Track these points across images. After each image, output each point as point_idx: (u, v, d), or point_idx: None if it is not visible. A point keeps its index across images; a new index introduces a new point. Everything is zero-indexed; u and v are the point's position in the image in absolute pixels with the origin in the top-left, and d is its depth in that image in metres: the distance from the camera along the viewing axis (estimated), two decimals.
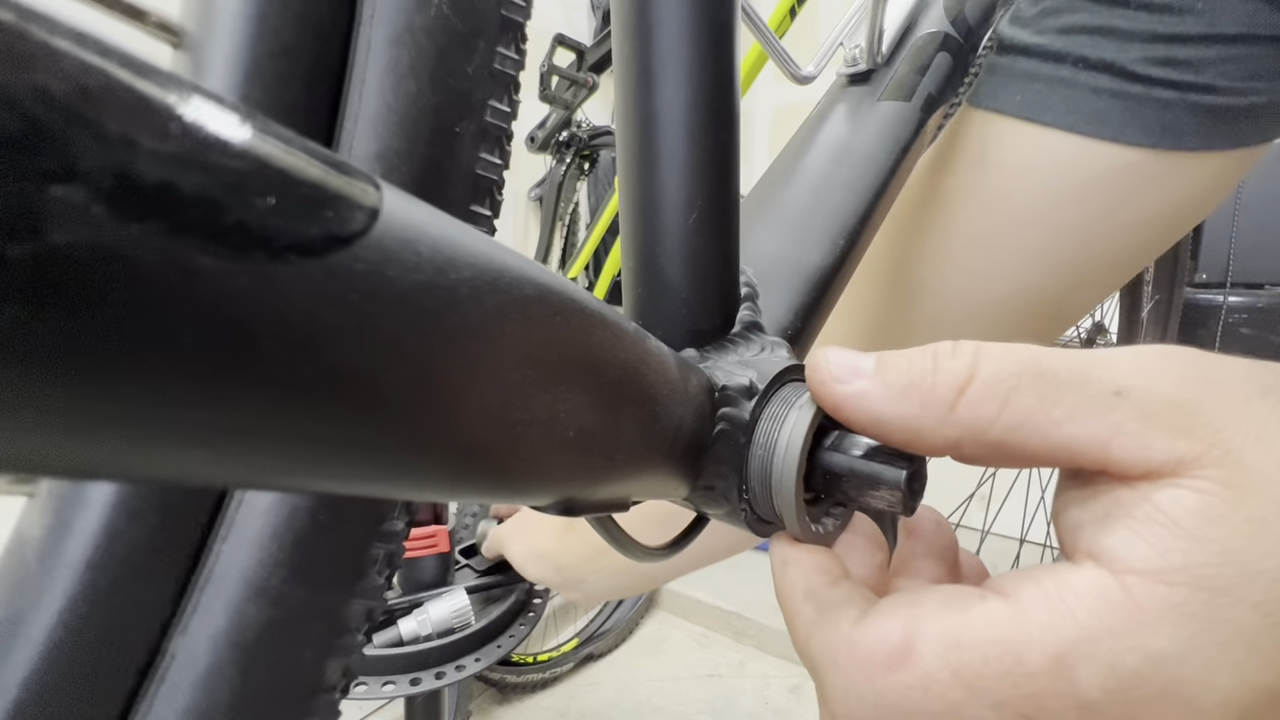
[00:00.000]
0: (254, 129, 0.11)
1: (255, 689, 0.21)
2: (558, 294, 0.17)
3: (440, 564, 0.78)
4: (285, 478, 0.13)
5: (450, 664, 0.70)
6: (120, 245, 0.09)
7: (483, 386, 0.14)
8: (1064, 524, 0.19)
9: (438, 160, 0.21)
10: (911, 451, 0.21)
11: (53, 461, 0.10)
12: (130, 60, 0.09)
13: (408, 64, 0.20)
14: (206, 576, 0.20)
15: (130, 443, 0.11)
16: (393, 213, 0.12)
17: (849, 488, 0.22)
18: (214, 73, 0.19)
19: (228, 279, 0.10)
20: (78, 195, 0.09)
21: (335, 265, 0.11)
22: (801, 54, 0.47)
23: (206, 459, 0.12)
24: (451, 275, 0.13)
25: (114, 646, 0.20)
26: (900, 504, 0.21)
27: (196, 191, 0.10)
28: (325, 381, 0.12)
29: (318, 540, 0.21)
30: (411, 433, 0.14)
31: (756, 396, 0.25)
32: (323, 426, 0.12)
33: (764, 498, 0.24)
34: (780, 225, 0.39)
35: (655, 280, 0.28)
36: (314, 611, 0.22)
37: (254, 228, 0.10)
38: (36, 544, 0.20)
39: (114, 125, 0.09)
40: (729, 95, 0.27)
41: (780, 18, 0.89)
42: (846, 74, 0.46)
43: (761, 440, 0.24)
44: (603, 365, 0.18)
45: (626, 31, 0.26)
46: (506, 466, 0.16)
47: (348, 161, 0.13)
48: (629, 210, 0.28)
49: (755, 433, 0.24)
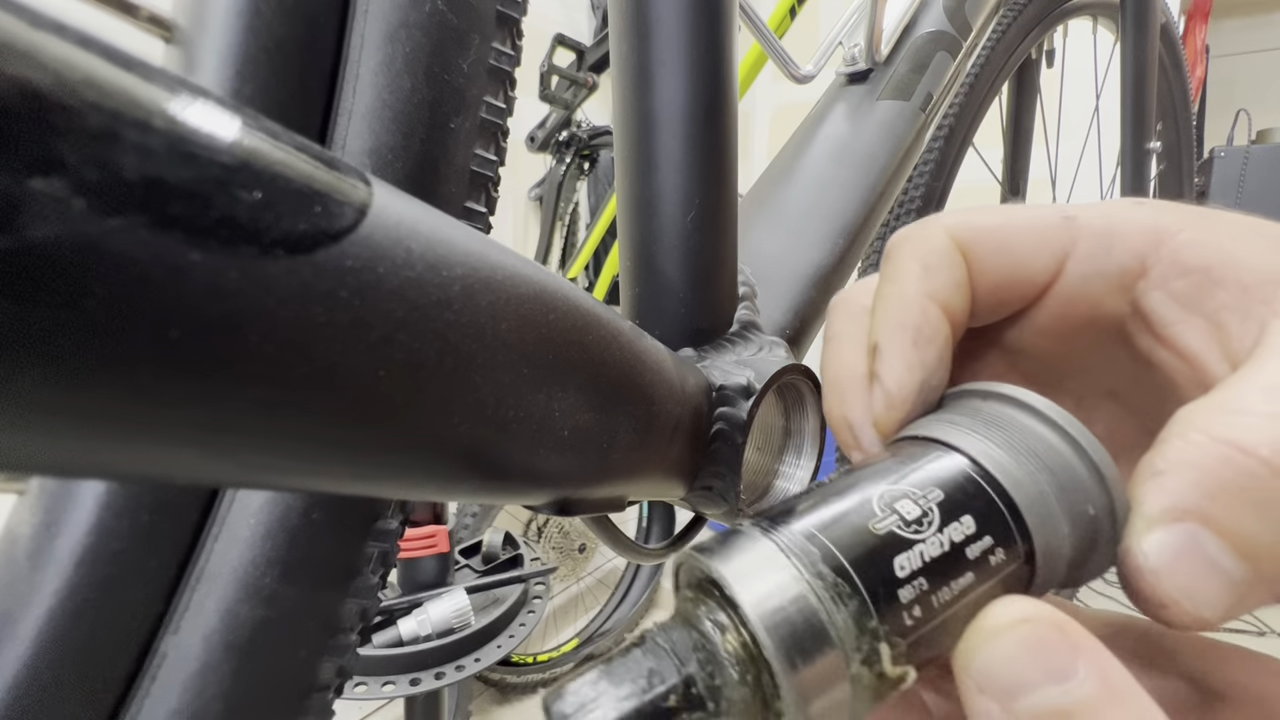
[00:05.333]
0: (242, 123, 0.11)
1: (248, 689, 0.20)
2: (552, 292, 0.16)
3: (440, 564, 0.78)
4: (276, 476, 0.13)
5: (450, 664, 0.70)
6: (103, 240, 0.09)
7: (476, 385, 0.14)
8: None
9: (432, 156, 0.21)
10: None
11: (40, 459, 0.10)
12: (113, 53, 0.09)
13: (402, 59, 0.20)
14: (198, 575, 0.20)
15: (118, 441, 0.10)
16: (383, 209, 0.12)
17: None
18: (206, 67, 0.19)
19: (214, 275, 0.10)
20: (58, 188, 0.08)
21: (324, 261, 0.11)
22: (801, 53, 0.47)
23: (196, 457, 0.12)
24: (444, 272, 0.13)
25: (104, 645, 0.20)
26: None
27: (182, 186, 0.10)
28: (315, 379, 0.12)
29: (311, 539, 0.21)
30: (403, 431, 0.13)
31: (754, 396, 0.25)
32: (313, 424, 0.12)
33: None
34: (779, 225, 0.39)
35: (653, 279, 0.27)
36: (307, 611, 0.21)
37: (241, 223, 0.10)
38: (26, 542, 0.20)
39: (95, 118, 0.09)
40: (727, 94, 0.27)
41: (780, 17, 0.89)
42: (846, 73, 0.46)
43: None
44: (598, 364, 0.18)
45: (624, 31, 0.26)
46: (500, 465, 0.16)
47: (338, 157, 0.12)
48: (627, 209, 0.28)
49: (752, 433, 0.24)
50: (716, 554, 0.14)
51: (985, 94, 0.75)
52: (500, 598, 0.80)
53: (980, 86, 0.74)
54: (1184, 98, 1.10)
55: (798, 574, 0.14)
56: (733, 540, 0.14)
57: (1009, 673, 0.13)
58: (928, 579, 0.14)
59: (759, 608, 0.13)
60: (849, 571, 0.14)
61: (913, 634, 0.14)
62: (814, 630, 0.13)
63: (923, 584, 0.14)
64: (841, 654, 0.13)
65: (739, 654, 0.14)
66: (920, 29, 0.47)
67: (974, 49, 0.49)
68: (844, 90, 0.46)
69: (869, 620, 0.13)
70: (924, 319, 0.18)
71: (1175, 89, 1.09)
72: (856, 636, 0.13)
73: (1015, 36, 0.75)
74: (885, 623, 0.13)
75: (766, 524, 0.15)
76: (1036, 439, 0.16)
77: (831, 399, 0.20)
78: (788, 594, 0.13)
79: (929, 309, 0.18)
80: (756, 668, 0.13)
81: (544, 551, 1.50)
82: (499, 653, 0.73)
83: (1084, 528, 0.15)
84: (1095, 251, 0.18)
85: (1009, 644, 0.14)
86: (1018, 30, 0.75)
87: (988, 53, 0.73)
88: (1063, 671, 0.13)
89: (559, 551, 1.54)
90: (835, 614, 0.13)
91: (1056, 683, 0.13)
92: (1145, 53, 0.81)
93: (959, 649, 0.14)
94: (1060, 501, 0.15)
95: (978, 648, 0.14)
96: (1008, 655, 0.14)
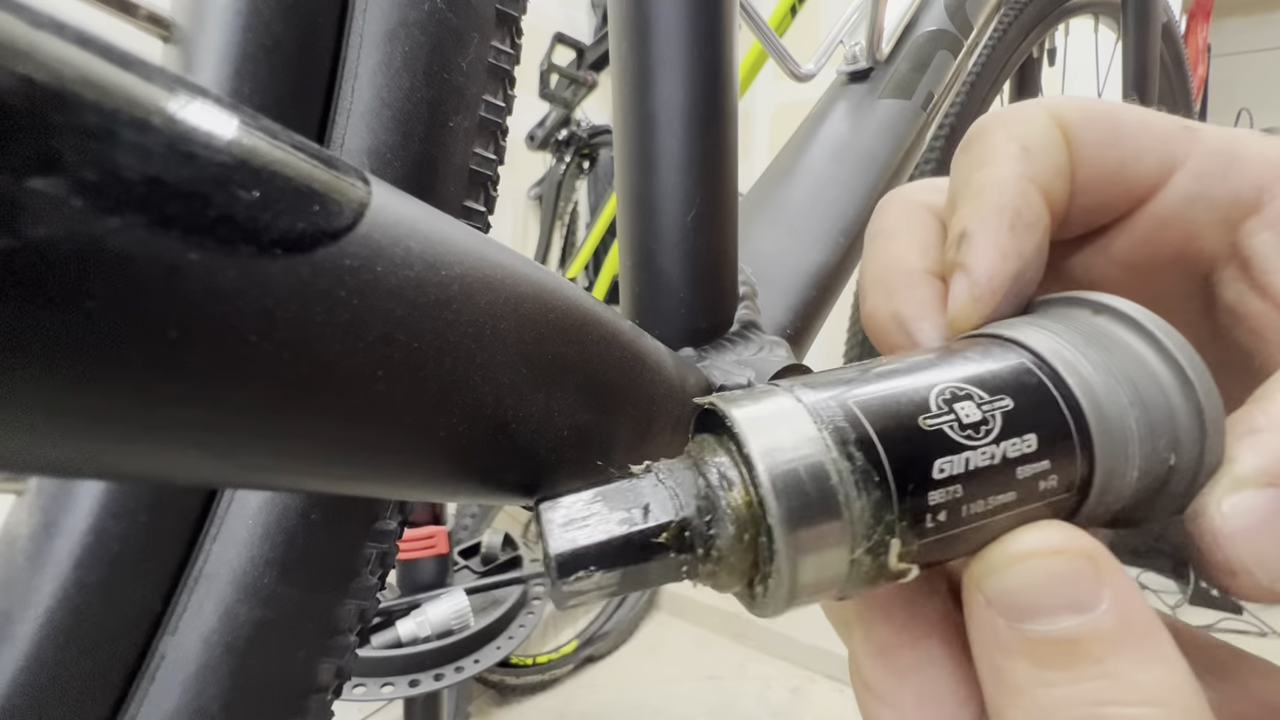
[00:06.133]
0: (240, 122, 0.11)
1: (246, 690, 0.20)
2: (552, 292, 0.16)
3: (439, 565, 0.78)
4: (275, 476, 0.13)
5: (449, 665, 0.70)
6: (101, 239, 0.09)
7: (475, 384, 0.14)
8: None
9: (431, 155, 0.21)
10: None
11: (38, 459, 0.10)
12: (112, 52, 0.09)
13: (401, 58, 0.20)
14: (197, 576, 0.20)
15: (116, 441, 0.10)
16: (382, 208, 0.12)
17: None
18: (204, 66, 0.19)
19: (213, 274, 0.10)
20: (56, 188, 0.08)
21: (323, 261, 0.11)
22: (801, 52, 0.47)
23: (195, 457, 0.12)
24: (443, 271, 0.13)
25: (103, 646, 0.20)
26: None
27: (180, 185, 0.09)
28: (314, 379, 0.12)
29: (309, 540, 0.21)
30: (402, 431, 0.13)
31: None
32: (312, 424, 0.12)
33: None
34: (779, 224, 0.39)
35: (653, 279, 0.27)
36: (306, 612, 0.21)
37: (239, 222, 0.10)
38: (25, 543, 0.20)
39: (93, 117, 0.09)
40: (727, 93, 0.27)
41: (781, 16, 0.89)
42: (847, 72, 0.46)
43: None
44: (598, 364, 0.18)
45: (624, 29, 0.26)
46: (499, 466, 0.16)
47: (336, 156, 0.12)
48: (626, 208, 0.28)
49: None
50: (740, 403, 0.13)
51: (986, 93, 0.75)
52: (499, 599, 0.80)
53: (981, 85, 0.73)
54: (1185, 97, 1.10)
55: (823, 444, 0.12)
56: (760, 394, 0.14)
57: (1029, 598, 0.13)
58: (965, 488, 0.13)
59: (772, 466, 0.12)
60: (883, 461, 0.12)
61: (930, 537, 0.13)
62: (826, 503, 0.12)
63: (957, 492, 0.13)
64: (849, 536, 0.12)
65: (741, 511, 0.13)
66: (921, 27, 0.47)
67: (975, 48, 0.49)
68: (845, 89, 0.46)
69: (887, 514, 0.12)
70: (1025, 203, 0.16)
71: (1177, 88, 1.09)
72: (870, 526, 0.12)
73: (1017, 35, 0.75)
74: (904, 519, 0.12)
75: (802, 387, 0.13)
76: (1140, 368, 0.14)
77: (875, 296, 0.18)
78: (806, 460, 0.12)
79: (1030, 192, 0.16)
80: (756, 529, 0.13)
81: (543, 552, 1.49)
82: (498, 654, 0.73)
83: (1156, 475, 0.14)
84: (1211, 170, 0.16)
85: (1036, 571, 0.13)
86: (1019, 29, 0.75)
87: (989, 51, 0.73)
88: (1085, 603, 0.12)
89: None
90: (854, 497, 0.12)
91: (1076, 614, 0.12)
92: (1147, 51, 0.81)
93: (977, 563, 0.13)
94: (1143, 444, 0.14)
95: (1001, 569, 0.13)
96: (1032, 582, 0.13)
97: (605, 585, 0.13)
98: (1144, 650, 0.12)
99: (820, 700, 1.31)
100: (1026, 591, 0.13)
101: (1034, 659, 0.13)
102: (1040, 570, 0.13)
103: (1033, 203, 0.16)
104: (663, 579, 0.13)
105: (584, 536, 0.13)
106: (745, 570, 0.13)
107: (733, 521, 0.13)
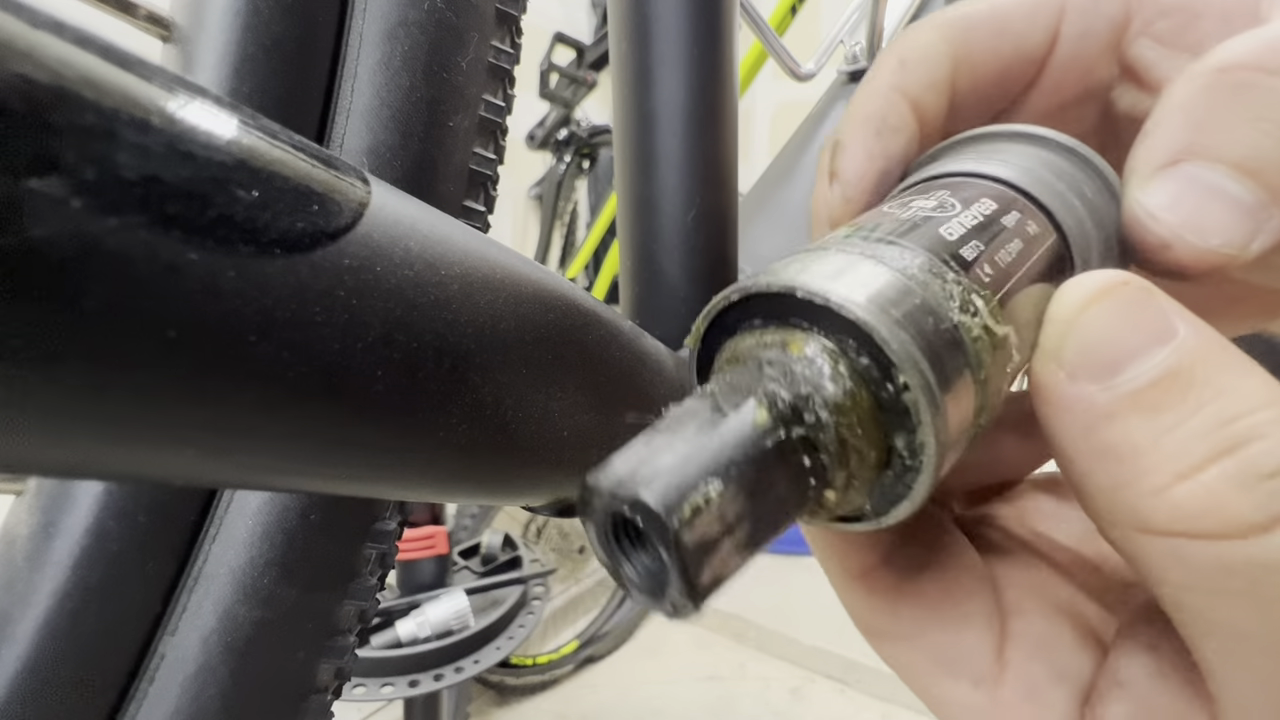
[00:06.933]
0: (239, 122, 0.11)
1: (246, 690, 0.20)
2: (552, 292, 0.16)
3: (439, 565, 0.78)
4: (274, 477, 0.13)
5: (449, 666, 0.70)
6: (101, 239, 0.09)
7: (474, 384, 0.14)
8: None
9: (431, 155, 0.21)
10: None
11: (38, 458, 0.10)
12: (111, 52, 0.09)
13: (401, 57, 0.20)
14: (196, 577, 0.20)
15: (116, 440, 0.10)
16: (382, 208, 0.12)
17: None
18: (204, 66, 0.19)
19: (212, 274, 0.10)
20: (56, 187, 0.08)
21: (322, 260, 0.11)
22: (802, 51, 0.47)
23: (194, 457, 0.12)
24: (443, 271, 0.13)
25: (102, 647, 0.20)
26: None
27: (179, 185, 0.09)
28: (314, 378, 0.12)
29: (309, 540, 0.21)
30: (401, 431, 0.13)
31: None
32: (312, 424, 0.12)
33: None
34: (780, 223, 0.39)
35: (653, 278, 0.27)
36: (305, 612, 0.21)
37: (238, 222, 0.10)
38: (24, 543, 0.20)
39: (93, 117, 0.09)
40: (727, 92, 0.27)
41: (781, 15, 0.89)
42: (847, 71, 0.46)
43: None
44: (598, 364, 0.18)
45: (624, 29, 0.26)
46: (499, 467, 0.16)
47: (336, 156, 0.12)
48: (627, 208, 0.28)
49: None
50: (805, 270, 0.12)
51: None
52: (499, 599, 0.80)
53: None
54: None
55: (886, 269, 0.12)
56: (808, 258, 0.13)
57: (1110, 343, 0.12)
58: (980, 240, 0.13)
59: (881, 315, 0.11)
60: (919, 250, 0.13)
61: (993, 286, 0.13)
62: (934, 318, 0.11)
63: (979, 245, 0.13)
64: (950, 318, 0.12)
65: (850, 383, 0.11)
66: None
67: None
68: (845, 88, 0.46)
69: (948, 272, 0.12)
70: (891, 110, 0.18)
71: None
72: (945, 292, 0.12)
73: None
74: (966, 276, 0.12)
75: (817, 247, 0.13)
76: (1040, 159, 0.16)
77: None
78: (895, 288, 0.12)
79: (895, 101, 0.18)
80: (872, 401, 0.11)
81: (543, 553, 1.50)
82: (498, 654, 0.73)
83: (1105, 221, 0.16)
84: (1084, 8, 0.18)
85: (1102, 313, 0.12)
86: None
87: None
88: (1166, 331, 0.12)
89: (558, 553, 1.54)
90: (929, 285, 0.12)
91: (1164, 343, 0.12)
92: None
93: (1046, 340, 0.13)
94: (1068, 189, 0.15)
95: (1067, 331, 0.12)
96: (1104, 324, 0.12)
97: (729, 519, 0.10)
98: (1234, 358, 0.12)
99: (820, 700, 1.30)
100: (1106, 335, 0.12)
101: (1146, 408, 0.12)
102: (1107, 311, 0.12)
103: (899, 110, 0.18)
104: (792, 499, 0.11)
105: (668, 462, 0.10)
106: (876, 463, 0.12)
107: (848, 395, 0.11)
